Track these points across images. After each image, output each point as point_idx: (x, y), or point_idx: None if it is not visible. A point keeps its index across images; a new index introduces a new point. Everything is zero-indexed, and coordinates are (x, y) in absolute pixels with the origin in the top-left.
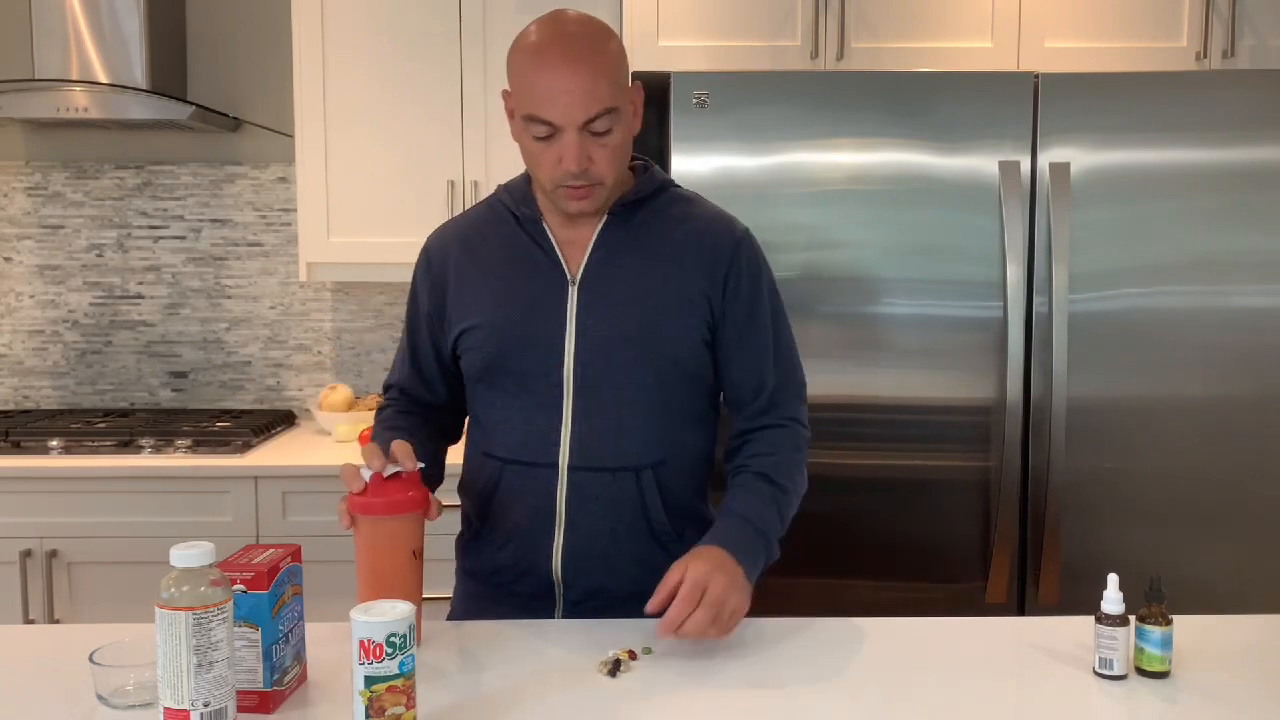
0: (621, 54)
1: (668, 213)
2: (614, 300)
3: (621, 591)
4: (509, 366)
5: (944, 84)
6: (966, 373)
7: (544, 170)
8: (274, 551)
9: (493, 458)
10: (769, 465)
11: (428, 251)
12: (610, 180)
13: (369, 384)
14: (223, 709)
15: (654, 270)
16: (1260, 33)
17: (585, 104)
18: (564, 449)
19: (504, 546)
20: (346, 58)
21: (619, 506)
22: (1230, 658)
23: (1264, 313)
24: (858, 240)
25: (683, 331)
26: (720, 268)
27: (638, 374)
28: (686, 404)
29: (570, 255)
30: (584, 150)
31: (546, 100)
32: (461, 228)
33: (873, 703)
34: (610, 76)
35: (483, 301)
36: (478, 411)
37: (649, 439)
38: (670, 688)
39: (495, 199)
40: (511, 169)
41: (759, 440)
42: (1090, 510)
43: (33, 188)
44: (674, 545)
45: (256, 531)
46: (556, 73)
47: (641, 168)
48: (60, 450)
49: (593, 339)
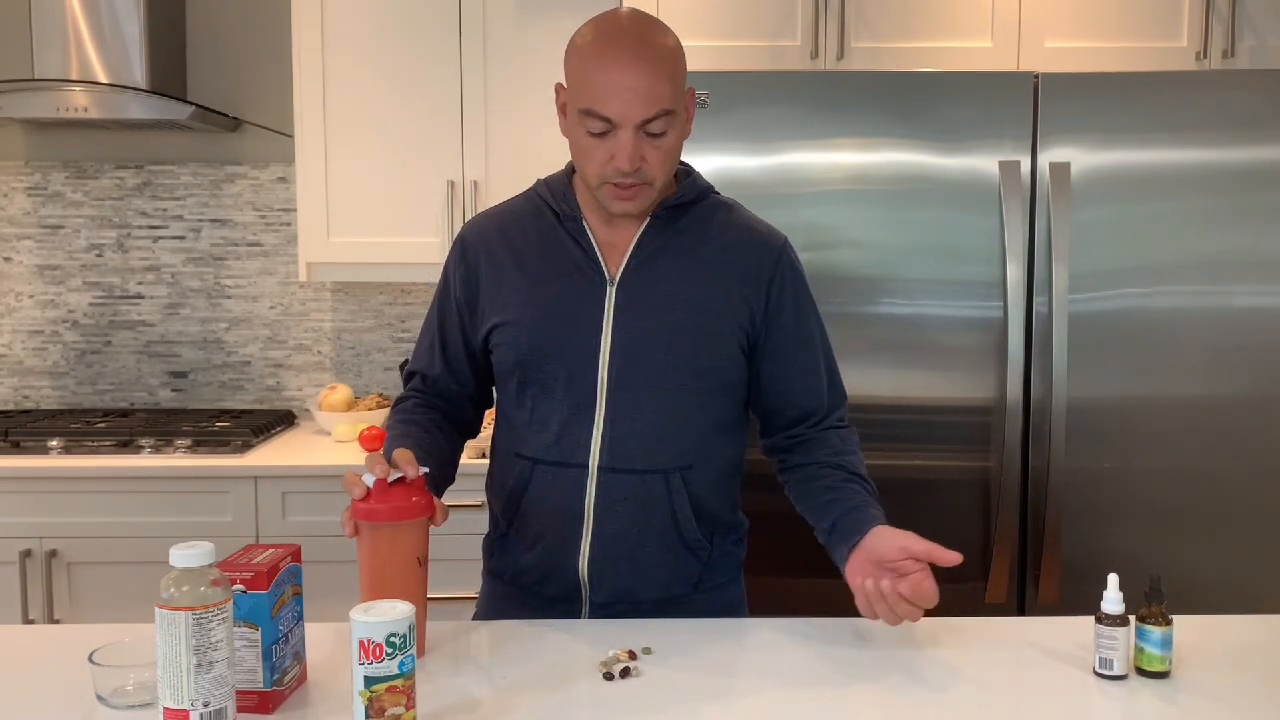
0: (682, 56)
1: (710, 219)
2: (652, 303)
3: (648, 595)
4: (542, 365)
5: (944, 84)
6: (966, 373)
7: (593, 166)
8: (274, 551)
9: (523, 458)
10: (857, 463)
11: (463, 240)
12: (659, 183)
13: (369, 384)
14: (222, 709)
15: (694, 275)
16: (1260, 33)
17: (645, 103)
18: (595, 450)
19: (531, 547)
20: (346, 58)
21: (647, 509)
22: (1230, 658)
23: (1264, 313)
24: (858, 240)
25: (719, 339)
26: (763, 277)
27: (672, 378)
28: (719, 410)
29: (609, 256)
30: (638, 150)
31: (606, 96)
32: (499, 219)
33: (873, 703)
34: (671, 78)
35: (518, 297)
36: (508, 410)
37: (680, 443)
38: (670, 687)
39: (534, 193)
40: (511, 169)
41: (835, 439)
42: (1090, 510)
43: (33, 188)
44: (702, 551)
45: (256, 531)
46: (619, 70)
47: (684, 172)
48: (60, 450)
49: (629, 341)
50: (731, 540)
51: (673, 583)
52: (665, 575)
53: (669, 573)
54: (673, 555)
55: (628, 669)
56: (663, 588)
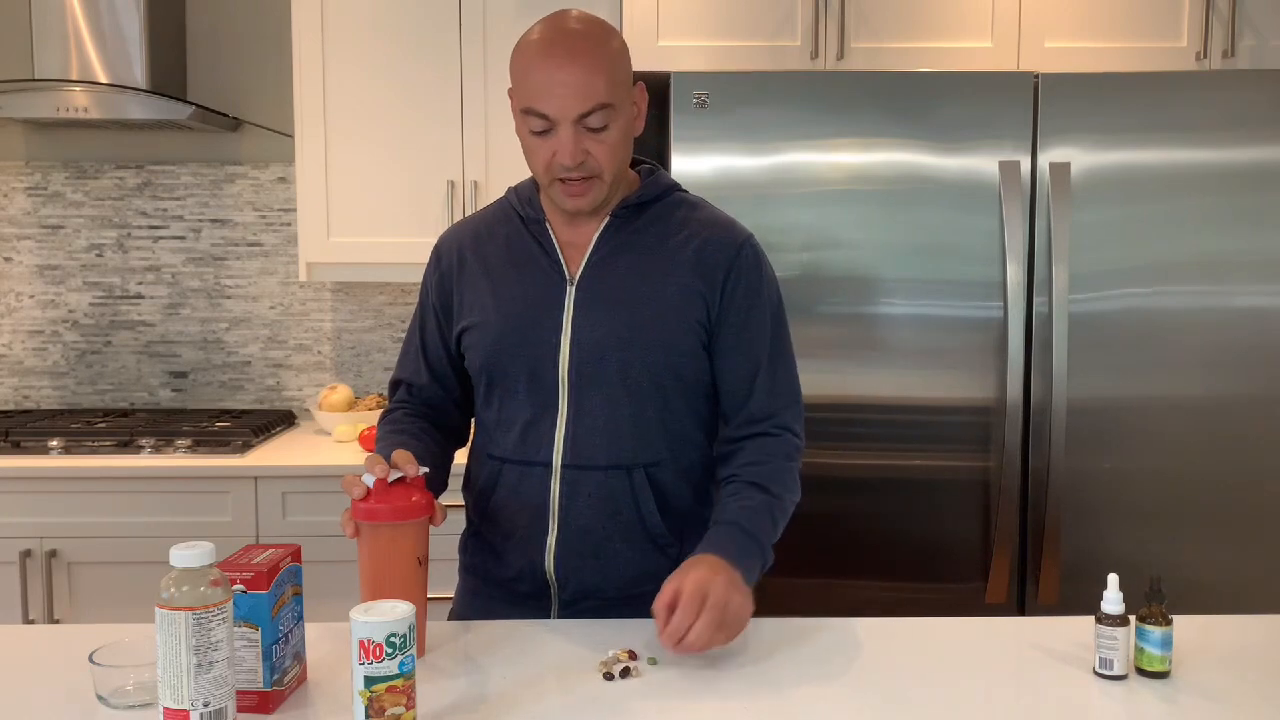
0: (622, 52)
1: (671, 216)
2: (610, 302)
3: (616, 593)
4: (506, 366)
5: (944, 84)
6: (966, 373)
7: (540, 164)
8: (274, 551)
9: (492, 458)
10: (761, 474)
11: (438, 248)
12: (608, 176)
13: (369, 384)
14: (222, 709)
15: (652, 273)
16: (1260, 33)
17: (580, 98)
18: (558, 447)
19: (501, 545)
20: (346, 58)
21: (611, 505)
22: (1230, 658)
23: (1264, 313)
24: (858, 240)
25: (677, 335)
26: (719, 273)
27: (630, 375)
28: (683, 407)
29: (571, 256)
30: (579, 145)
31: (542, 94)
32: (473, 226)
33: (872, 703)
34: (608, 73)
35: (484, 300)
36: (479, 412)
37: (641, 440)
38: (669, 687)
39: (505, 199)
40: (511, 169)
41: (750, 448)
42: (1090, 510)
43: (33, 188)
44: (671, 549)
45: (256, 531)
46: (552, 67)
47: (647, 171)
48: (60, 450)
49: (587, 339)
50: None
51: (640, 580)
52: (632, 571)
53: (636, 569)
54: (639, 552)
55: (628, 669)
56: (630, 584)
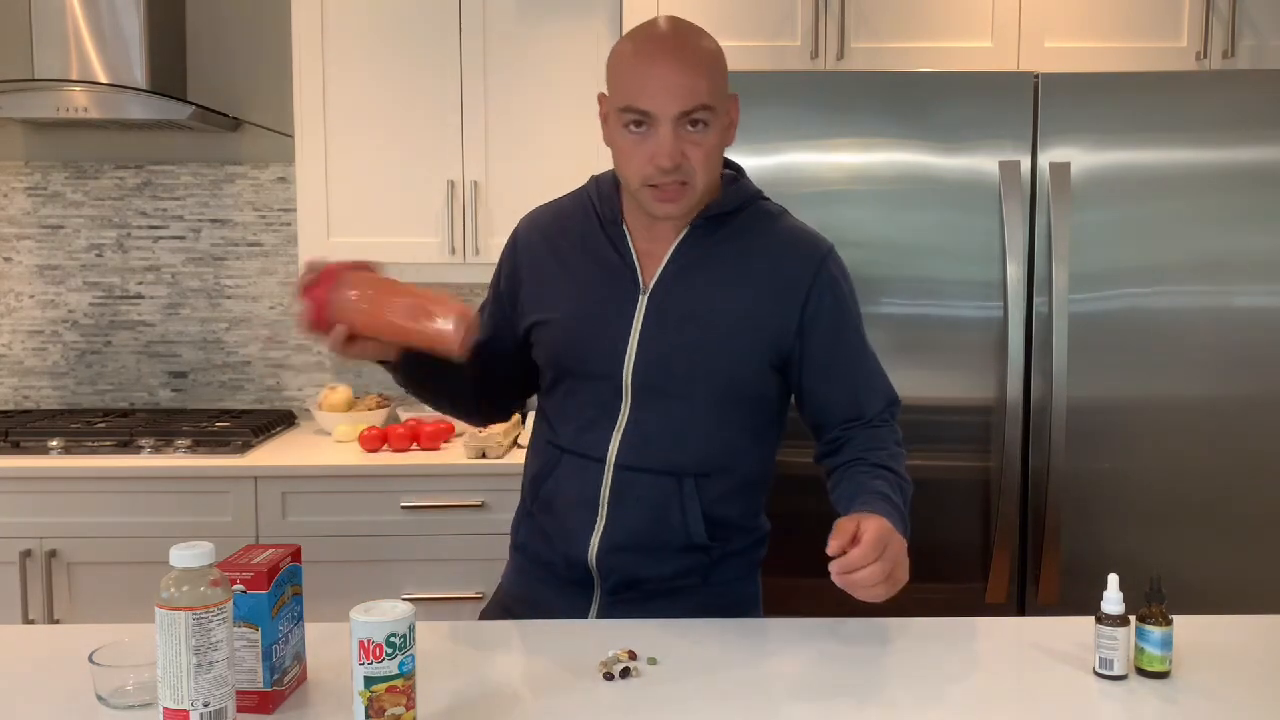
0: (722, 59)
1: (750, 230)
2: (680, 315)
3: (660, 585)
4: (573, 365)
5: (944, 84)
6: (966, 373)
7: (633, 167)
8: (274, 552)
9: (553, 445)
10: (885, 458)
11: (516, 235)
12: (701, 184)
13: (369, 384)
14: (222, 709)
15: (725, 290)
16: (1260, 33)
17: (683, 96)
18: (613, 446)
19: (551, 531)
20: (346, 58)
21: (658, 509)
22: (1230, 658)
23: (1264, 313)
24: (857, 240)
25: (745, 354)
26: (799, 292)
27: (692, 388)
28: (742, 421)
29: (646, 265)
30: (677, 145)
31: (644, 91)
32: (550, 217)
33: (872, 703)
34: (710, 76)
35: (556, 298)
36: (543, 399)
37: (697, 450)
38: (669, 687)
39: (584, 191)
40: (512, 169)
41: (865, 436)
42: (1090, 510)
43: (32, 188)
44: (712, 549)
45: (256, 532)
46: (657, 64)
47: (730, 179)
48: (60, 450)
49: (654, 349)
50: (746, 542)
51: (681, 574)
52: (672, 568)
53: (676, 566)
54: (679, 552)
55: (628, 669)
56: (671, 579)
